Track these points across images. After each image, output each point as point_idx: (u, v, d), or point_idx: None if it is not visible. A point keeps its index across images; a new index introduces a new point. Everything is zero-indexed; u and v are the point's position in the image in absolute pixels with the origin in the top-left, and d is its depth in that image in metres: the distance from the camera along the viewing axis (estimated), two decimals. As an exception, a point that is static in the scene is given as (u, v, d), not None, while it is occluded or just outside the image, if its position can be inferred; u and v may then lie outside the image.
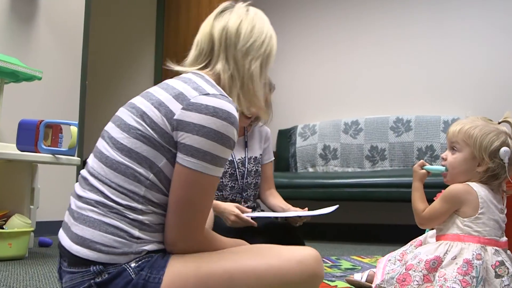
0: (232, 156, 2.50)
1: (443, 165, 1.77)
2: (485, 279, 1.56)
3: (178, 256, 1.23)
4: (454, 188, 1.67)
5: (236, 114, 1.25)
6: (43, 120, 2.65)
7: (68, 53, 4.19)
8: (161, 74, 5.74)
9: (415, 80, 4.85)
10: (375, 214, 4.80)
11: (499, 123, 1.75)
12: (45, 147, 2.62)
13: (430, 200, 1.77)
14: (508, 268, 1.58)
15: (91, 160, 1.28)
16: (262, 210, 2.61)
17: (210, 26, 1.42)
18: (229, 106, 1.23)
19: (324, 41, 5.32)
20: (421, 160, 1.86)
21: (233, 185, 2.57)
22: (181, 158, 1.21)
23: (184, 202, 1.21)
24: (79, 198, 1.25)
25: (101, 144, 1.28)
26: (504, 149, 1.64)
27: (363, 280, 2.03)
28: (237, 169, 2.52)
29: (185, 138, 1.20)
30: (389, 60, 4.99)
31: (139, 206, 1.20)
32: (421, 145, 4.53)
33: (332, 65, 5.26)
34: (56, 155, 2.62)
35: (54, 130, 2.77)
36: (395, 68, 4.95)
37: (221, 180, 2.52)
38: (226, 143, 1.22)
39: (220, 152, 1.22)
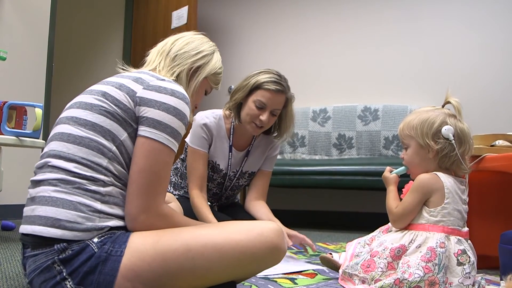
0: (227, 166, 2.49)
1: (404, 165, 1.82)
2: (447, 266, 1.60)
3: (139, 232, 1.27)
4: (423, 177, 1.70)
5: (188, 97, 1.41)
6: (7, 101, 2.59)
7: (34, 33, 4.10)
8: (130, 59, 5.67)
9: (383, 69, 4.90)
10: (341, 202, 4.86)
11: (443, 106, 1.79)
12: (8, 129, 2.56)
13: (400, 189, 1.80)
14: (469, 257, 1.62)
15: (51, 145, 1.32)
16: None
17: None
18: (183, 90, 1.39)
19: (292, 29, 5.32)
20: (388, 167, 1.89)
21: (217, 191, 2.56)
22: (143, 130, 1.30)
23: (145, 171, 1.29)
24: (37, 183, 1.28)
25: (60, 128, 1.33)
26: (445, 127, 1.68)
27: (340, 261, 2.03)
28: (227, 180, 2.51)
29: (147, 112, 1.31)
30: (358, 49, 5.02)
31: (101, 177, 1.26)
32: (388, 134, 4.59)
33: (301, 53, 5.27)
34: (20, 137, 2.56)
35: (18, 111, 2.71)
36: (364, 57, 4.99)
37: (207, 183, 2.51)
38: (183, 119, 1.35)
39: (178, 127, 1.34)
